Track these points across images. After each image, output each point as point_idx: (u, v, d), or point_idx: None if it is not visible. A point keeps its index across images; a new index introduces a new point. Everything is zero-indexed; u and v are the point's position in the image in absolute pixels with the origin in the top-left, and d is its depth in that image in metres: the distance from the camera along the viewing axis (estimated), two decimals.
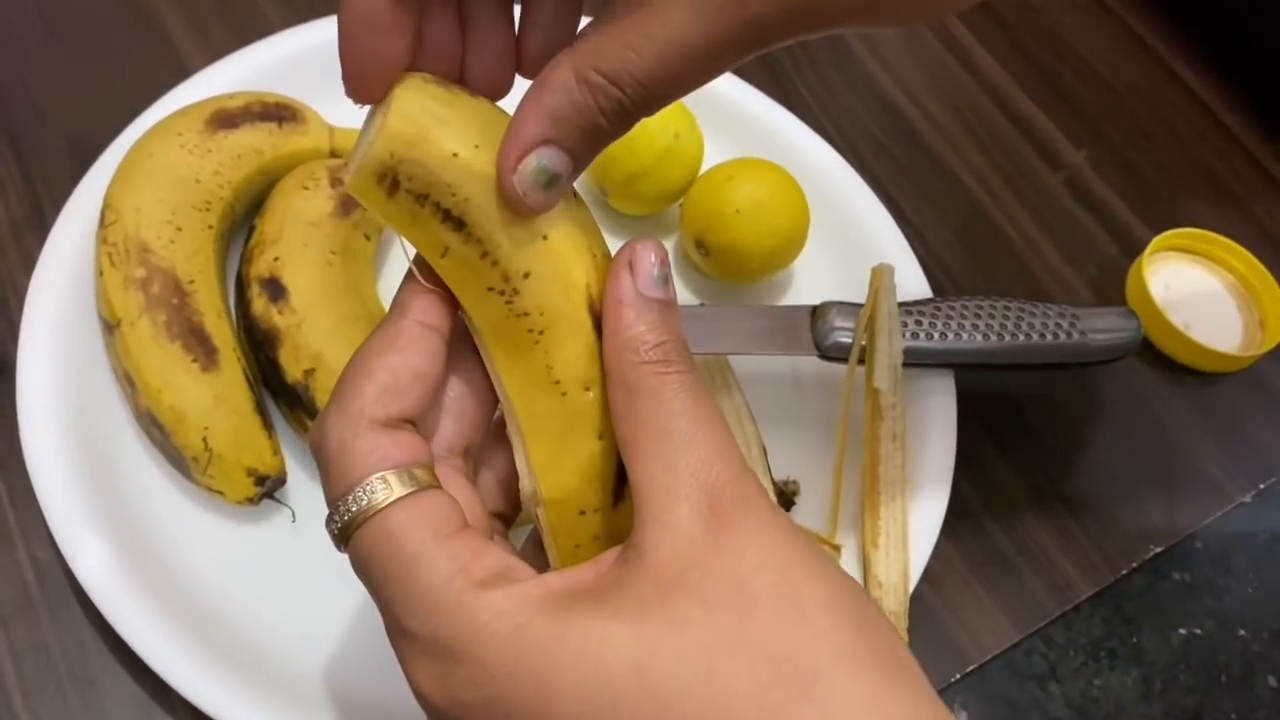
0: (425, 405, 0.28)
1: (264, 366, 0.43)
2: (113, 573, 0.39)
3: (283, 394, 0.43)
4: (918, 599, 0.45)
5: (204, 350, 0.42)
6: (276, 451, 0.43)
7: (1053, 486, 0.51)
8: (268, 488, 0.42)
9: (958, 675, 0.45)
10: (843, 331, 0.47)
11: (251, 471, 0.41)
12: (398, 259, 0.50)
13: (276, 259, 0.44)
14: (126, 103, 0.50)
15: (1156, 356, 0.56)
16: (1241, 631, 0.49)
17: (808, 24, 0.26)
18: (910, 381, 0.48)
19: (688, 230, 0.51)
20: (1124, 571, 0.49)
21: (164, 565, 0.41)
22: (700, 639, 0.24)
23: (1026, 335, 0.48)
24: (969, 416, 0.49)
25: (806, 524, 0.46)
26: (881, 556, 0.44)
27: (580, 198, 0.30)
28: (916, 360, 0.47)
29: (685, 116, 0.51)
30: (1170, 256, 0.58)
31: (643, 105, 0.26)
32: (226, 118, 0.47)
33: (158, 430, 0.41)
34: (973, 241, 0.58)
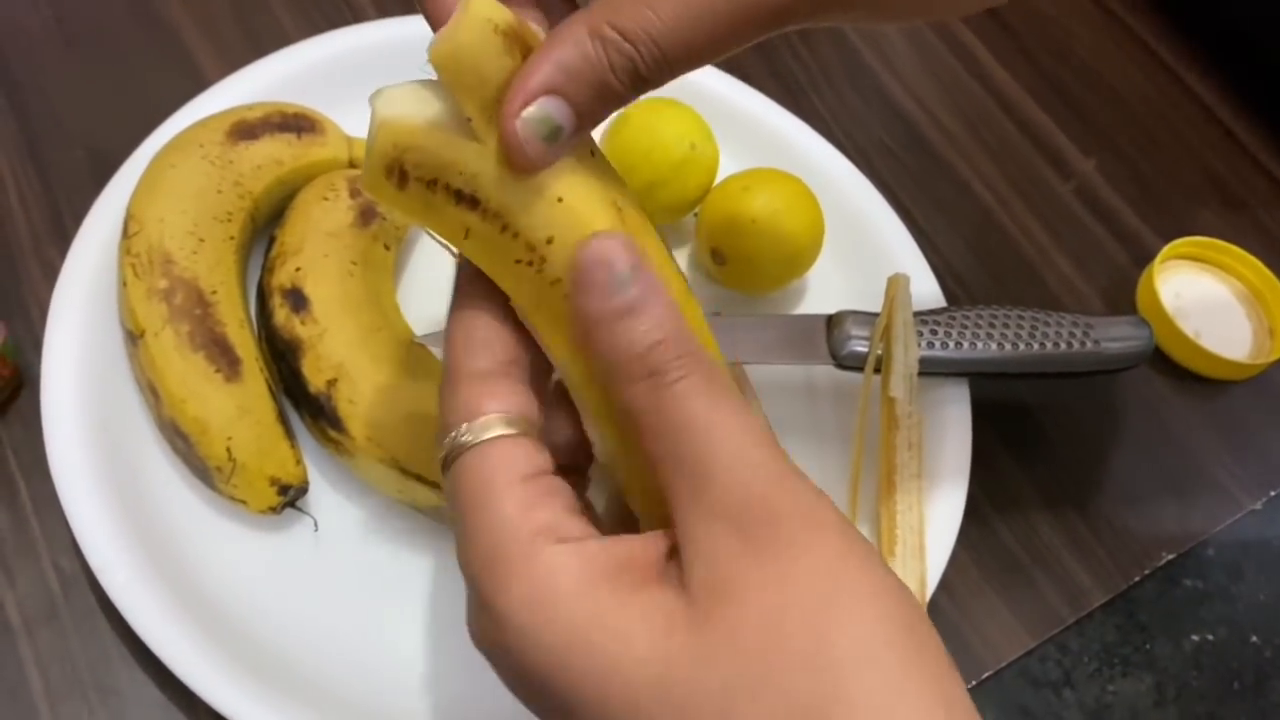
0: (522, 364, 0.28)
1: (286, 376, 0.43)
2: (137, 582, 0.40)
3: (305, 404, 0.43)
4: (934, 607, 0.46)
5: (227, 361, 0.42)
6: (299, 461, 0.43)
7: (1066, 494, 0.51)
8: (290, 497, 0.42)
9: (973, 682, 0.46)
10: (858, 341, 0.47)
11: (274, 481, 0.42)
12: (416, 269, 0.51)
13: (298, 269, 0.44)
14: (145, 114, 0.50)
15: (1167, 364, 0.56)
16: (1254, 638, 0.49)
17: (826, 6, 0.26)
18: (925, 390, 0.48)
19: (703, 240, 0.51)
20: (1137, 579, 0.49)
21: (187, 574, 0.41)
22: (724, 681, 0.23)
23: (1041, 344, 0.48)
24: (983, 425, 0.49)
25: None
26: (898, 564, 0.44)
27: (598, 149, 0.29)
28: (932, 369, 0.48)
29: (701, 127, 0.51)
30: (1180, 265, 0.59)
31: (656, 69, 0.25)
32: (247, 129, 0.47)
33: (181, 440, 0.42)
34: (984, 250, 0.59)
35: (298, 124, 0.48)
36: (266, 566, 0.43)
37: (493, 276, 0.28)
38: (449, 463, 0.27)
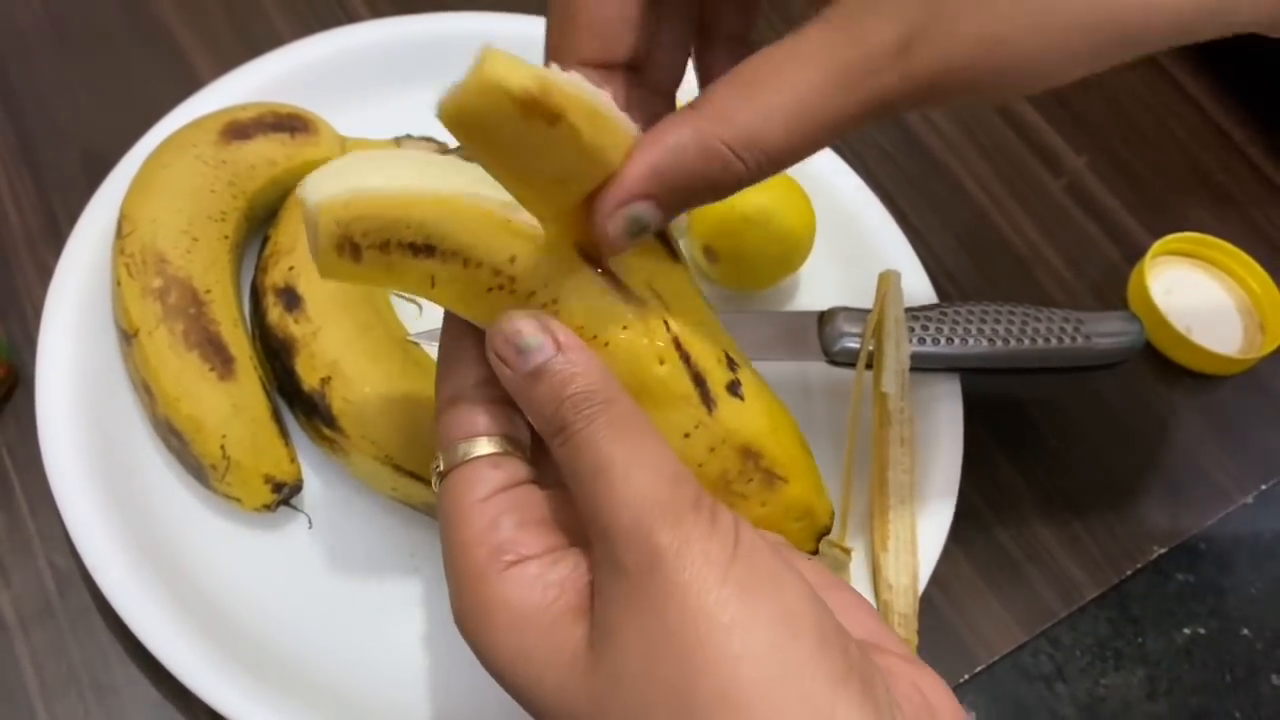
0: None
1: (280, 375, 0.44)
2: (132, 580, 0.40)
3: (299, 402, 0.43)
4: (927, 601, 0.46)
5: (221, 359, 0.42)
6: (293, 459, 0.43)
7: (1057, 489, 0.52)
8: (285, 495, 0.42)
9: (966, 676, 0.46)
10: (850, 337, 0.48)
11: (269, 479, 0.42)
12: None
13: (291, 268, 0.44)
14: (139, 115, 0.51)
15: (1158, 360, 0.56)
16: (1245, 631, 0.49)
17: (932, 99, 0.26)
18: (917, 386, 0.49)
19: (695, 237, 0.51)
20: (1129, 573, 0.50)
21: (182, 572, 0.42)
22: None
23: (1032, 340, 0.48)
24: (974, 420, 0.50)
25: None
26: (891, 560, 0.45)
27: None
28: (923, 365, 0.48)
29: None
30: (1171, 261, 0.59)
31: (758, 175, 0.26)
32: (239, 129, 0.47)
33: (176, 439, 0.42)
34: (976, 247, 0.59)
35: (291, 124, 0.49)
36: (261, 564, 0.43)
37: (469, 315, 0.29)
38: (440, 484, 0.29)
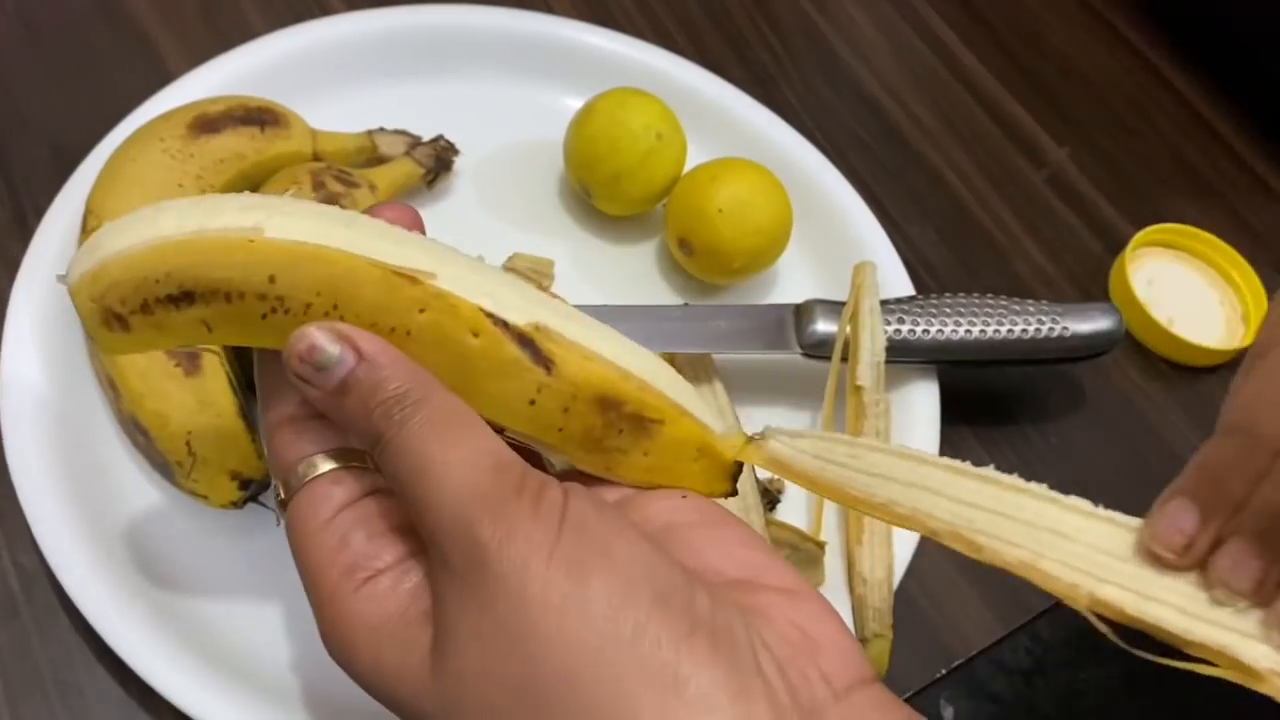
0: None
1: (247, 370, 0.43)
2: (98, 579, 0.39)
3: None
4: (904, 596, 0.46)
5: (187, 355, 0.42)
6: (261, 455, 0.42)
7: (1036, 481, 0.51)
8: (252, 491, 0.42)
9: (943, 671, 0.46)
10: (826, 330, 0.47)
11: (235, 475, 0.41)
12: None
13: None
14: (109, 108, 0.50)
15: (1140, 351, 0.56)
16: None
17: None
18: (894, 379, 0.48)
19: (671, 230, 0.51)
20: None
21: (149, 571, 0.41)
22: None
23: (1009, 331, 0.48)
24: (952, 413, 0.49)
25: (791, 521, 0.46)
26: (865, 553, 0.44)
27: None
28: (900, 357, 0.48)
29: (668, 117, 0.51)
30: (1153, 252, 0.59)
31: None
32: (208, 122, 0.47)
33: (141, 435, 0.41)
34: (956, 239, 0.58)
35: (261, 117, 0.48)
36: (228, 562, 0.42)
37: (267, 346, 0.28)
38: (284, 513, 0.28)
